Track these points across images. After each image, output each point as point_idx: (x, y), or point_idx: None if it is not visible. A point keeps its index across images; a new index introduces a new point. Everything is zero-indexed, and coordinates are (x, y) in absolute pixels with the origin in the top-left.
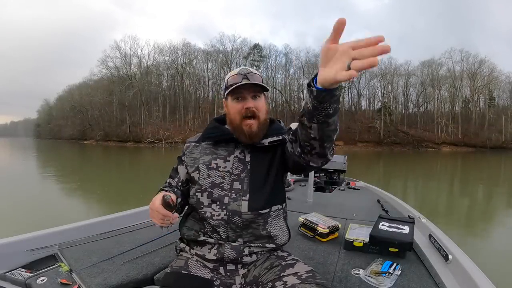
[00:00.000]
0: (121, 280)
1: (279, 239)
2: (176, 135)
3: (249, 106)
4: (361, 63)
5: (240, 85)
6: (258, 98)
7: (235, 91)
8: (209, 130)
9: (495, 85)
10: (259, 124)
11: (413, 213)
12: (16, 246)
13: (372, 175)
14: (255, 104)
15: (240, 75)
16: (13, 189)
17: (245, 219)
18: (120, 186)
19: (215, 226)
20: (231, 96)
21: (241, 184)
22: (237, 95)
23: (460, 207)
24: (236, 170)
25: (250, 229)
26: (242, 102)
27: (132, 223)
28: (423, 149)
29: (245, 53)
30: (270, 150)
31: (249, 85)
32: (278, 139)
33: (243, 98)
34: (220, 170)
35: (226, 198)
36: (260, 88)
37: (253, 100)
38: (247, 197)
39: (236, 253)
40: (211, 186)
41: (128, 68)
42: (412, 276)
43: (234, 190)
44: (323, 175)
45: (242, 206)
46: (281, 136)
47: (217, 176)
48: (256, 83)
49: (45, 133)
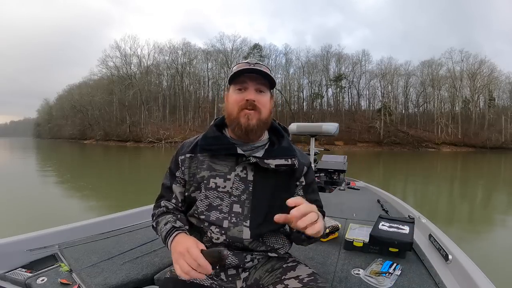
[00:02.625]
0: (121, 280)
1: (281, 249)
2: (176, 134)
3: (250, 98)
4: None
5: (245, 75)
6: (262, 93)
7: (238, 80)
8: (209, 141)
9: (495, 85)
10: (259, 119)
11: (413, 213)
12: (16, 246)
13: (372, 175)
14: (258, 98)
15: (248, 63)
16: (13, 189)
17: (247, 244)
18: (120, 186)
19: (215, 245)
20: (234, 85)
21: (241, 208)
22: (240, 85)
23: (460, 207)
24: (236, 191)
25: (250, 248)
26: (243, 93)
27: (132, 223)
28: (423, 149)
29: (245, 53)
30: (277, 174)
31: (255, 77)
32: (287, 164)
33: (246, 89)
34: (219, 190)
35: (225, 222)
36: (266, 82)
37: (256, 93)
38: (248, 223)
39: (238, 260)
40: (208, 208)
41: (128, 67)
42: (412, 276)
43: (234, 214)
44: (323, 175)
45: (244, 233)
46: (290, 161)
47: (215, 198)
48: (263, 72)
49: (45, 133)
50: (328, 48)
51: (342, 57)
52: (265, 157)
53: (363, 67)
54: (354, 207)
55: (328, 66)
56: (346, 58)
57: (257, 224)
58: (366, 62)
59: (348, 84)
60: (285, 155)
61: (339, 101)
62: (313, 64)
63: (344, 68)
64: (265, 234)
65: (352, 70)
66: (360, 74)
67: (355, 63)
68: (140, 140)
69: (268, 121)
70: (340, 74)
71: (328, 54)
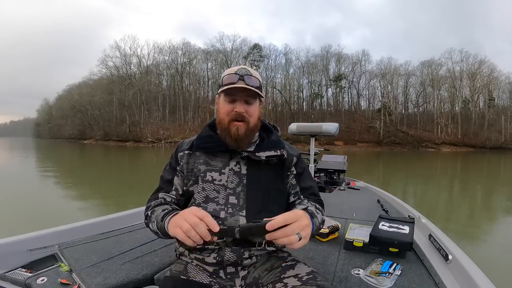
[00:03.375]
0: (121, 280)
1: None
2: (176, 134)
3: (239, 110)
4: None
5: (233, 87)
6: (252, 103)
7: (228, 92)
8: (203, 139)
9: (495, 85)
10: (247, 129)
11: (413, 213)
12: (16, 246)
13: (372, 175)
14: (246, 109)
15: (237, 75)
16: (13, 189)
17: None
18: (120, 186)
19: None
20: (224, 95)
21: (237, 199)
22: (230, 97)
23: (460, 207)
24: (231, 184)
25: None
26: (233, 104)
27: (132, 223)
28: (423, 149)
29: (244, 53)
30: (269, 165)
31: (244, 89)
32: (276, 155)
33: (235, 101)
34: (216, 183)
35: (222, 213)
36: (255, 93)
37: (245, 105)
38: (244, 213)
39: (236, 256)
40: (205, 200)
41: (128, 67)
42: (412, 276)
43: (230, 205)
44: (323, 175)
45: (240, 222)
46: (279, 151)
47: (211, 190)
48: (251, 90)
49: (45, 133)
50: (328, 48)
51: (342, 57)
52: (256, 150)
53: (363, 67)
54: (354, 207)
55: (328, 66)
56: (346, 58)
57: (253, 214)
58: (366, 62)
59: (348, 84)
60: (274, 147)
61: (339, 101)
62: (313, 64)
63: (344, 68)
64: None
65: (352, 70)
66: (360, 74)
67: (355, 63)
68: (140, 140)
69: (257, 127)
70: (340, 74)
71: (328, 54)
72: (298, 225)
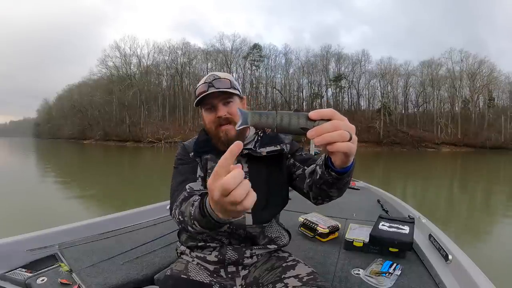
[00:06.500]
0: (121, 280)
1: (279, 240)
2: (176, 134)
3: (220, 115)
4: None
5: (207, 94)
6: (231, 103)
7: (204, 102)
8: (201, 144)
9: (495, 86)
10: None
11: (413, 213)
12: (16, 246)
13: (372, 175)
14: (228, 110)
15: (206, 84)
16: (12, 189)
17: (250, 232)
18: (120, 186)
19: (217, 236)
20: (203, 106)
21: None
22: (208, 106)
23: (460, 207)
24: None
25: (252, 237)
26: (214, 112)
27: (132, 223)
28: (423, 149)
29: (244, 53)
30: (270, 161)
31: (217, 93)
32: (277, 149)
33: (214, 107)
34: None
35: None
36: (230, 92)
37: (225, 107)
38: (250, 210)
39: (238, 255)
40: None
41: (127, 67)
42: (412, 276)
43: None
44: None
45: (246, 219)
46: (279, 146)
47: None
48: (222, 90)
49: (44, 133)
50: (327, 48)
51: (342, 57)
52: (256, 146)
53: (363, 67)
54: (354, 207)
55: (327, 66)
56: (346, 58)
57: (259, 210)
58: (365, 62)
59: (347, 84)
60: (274, 142)
61: (338, 101)
62: (313, 64)
63: (343, 68)
64: (266, 221)
65: (352, 70)
66: (360, 74)
67: (354, 63)
68: (139, 140)
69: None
70: (340, 74)
71: (327, 54)
72: (347, 123)
